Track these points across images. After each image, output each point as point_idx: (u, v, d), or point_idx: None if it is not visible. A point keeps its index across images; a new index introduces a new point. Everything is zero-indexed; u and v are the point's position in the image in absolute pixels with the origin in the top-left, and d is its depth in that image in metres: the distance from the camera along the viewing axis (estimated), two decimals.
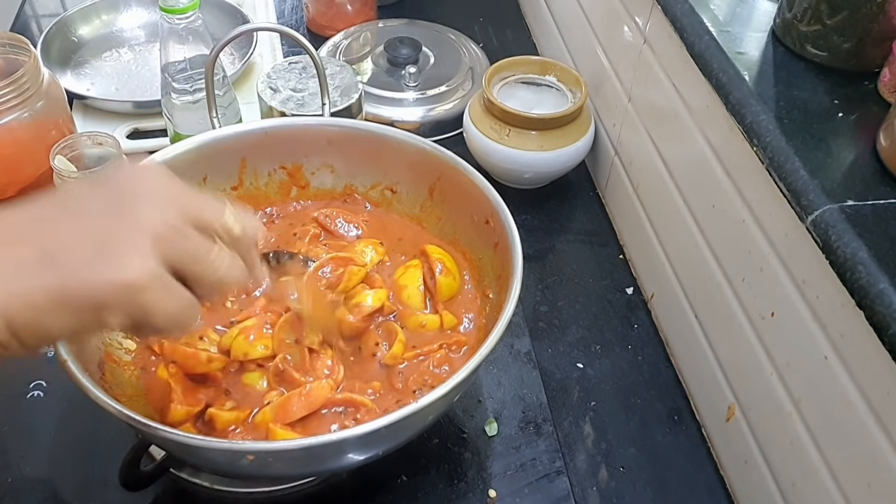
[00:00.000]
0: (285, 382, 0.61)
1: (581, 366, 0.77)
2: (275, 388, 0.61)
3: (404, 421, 0.50)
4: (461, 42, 1.10)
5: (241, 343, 0.61)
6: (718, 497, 0.68)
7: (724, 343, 0.68)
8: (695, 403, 0.74)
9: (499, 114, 0.87)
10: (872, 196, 0.51)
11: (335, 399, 0.59)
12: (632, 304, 0.83)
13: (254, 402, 0.60)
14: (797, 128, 0.56)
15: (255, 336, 0.62)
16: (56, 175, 0.75)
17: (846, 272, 0.48)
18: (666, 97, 0.75)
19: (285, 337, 0.62)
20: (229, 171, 0.74)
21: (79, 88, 1.00)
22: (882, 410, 0.48)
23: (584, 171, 0.97)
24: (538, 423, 0.71)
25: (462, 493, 0.66)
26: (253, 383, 0.61)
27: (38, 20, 1.19)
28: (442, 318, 0.66)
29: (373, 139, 0.73)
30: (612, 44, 0.89)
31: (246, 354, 0.61)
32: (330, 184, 0.77)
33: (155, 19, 0.95)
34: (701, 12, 0.67)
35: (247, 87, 1.04)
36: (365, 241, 0.72)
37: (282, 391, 0.60)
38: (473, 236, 0.70)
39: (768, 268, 0.59)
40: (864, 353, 0.49)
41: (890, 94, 0.59)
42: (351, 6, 1.13)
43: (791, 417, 0.58)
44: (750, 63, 0.63)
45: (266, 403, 0.59)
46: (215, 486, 0.64)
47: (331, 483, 0.65)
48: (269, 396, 0.60)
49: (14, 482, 0.65)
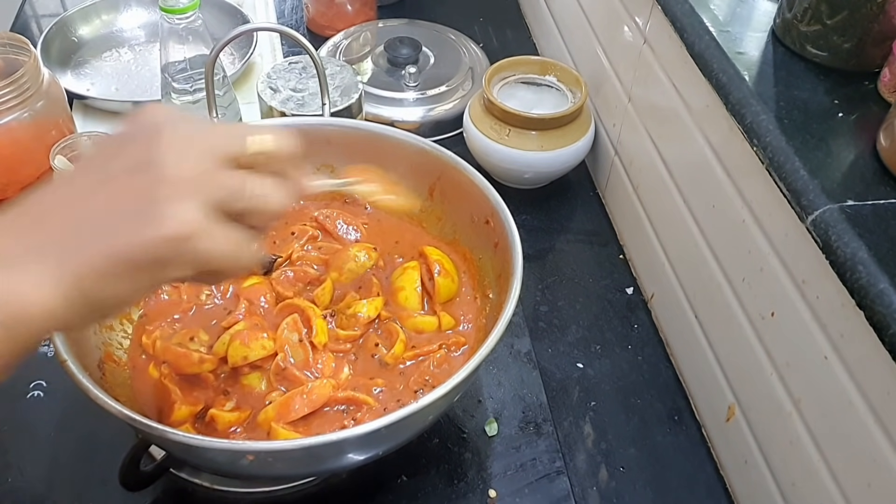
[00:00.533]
0: (287, 381, 0.60)
1: (581, 366, 0.77)
2: (276, 388, 0.61)
3: (404, 421, 0.50)
4: (461, 42, 1.10)
5: (238, 348, 0.61)
6: (718, 497, 0.68)
7: (724, 343, 0.68)
8: (695, 403, 0.74)
9: (499, 114, 0.87)
10: (872, 196, 0.51)
11: (338, 397, 0.59)
12: (632, 304, 0.83)
13: (254, 402, 0.60)
14: (797, 128, 0.56)
15: (250, 339, 0.61)
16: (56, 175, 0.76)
17: (846, 272, 0.48)
18: (666, 97, 0.75)
19: (289, 335, 0.62)
20: None
21: (79, 88, 1.00)
22: (882, 410, 0.48)
23: (584, 171, 0.97)
24: (538, 423, 0.71)
25: (462, 493, 0.66)
26: (252, 384, 0.61)
27: (38, 20, 1.19)
28: (440, 319, 0.66)
29: (373, 139, 0.73)
30: (612, 44, 0.89)
31: (245, 358, 0.61)
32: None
33: (155, 19, 0.95)
34: (701, 12, 0.67)
35: (247, 87, 1.04)
36: (359, 245, 0.71)
37: (282, 390, 0.60)
38: (473, 236, 0.70)
39: (768, 268, 0.59)
40: (864, 353, 0.49)
41: (890, 94, 0.59)
42: (351, 6, 1.13)
43: (791, 417, 0.58)
44: (750, 63, 0.63)
45: (267, 403, 0.59)
46: (215, 486, 0.64)
47: (331, 483, 0.65)
48: (270, 397, 0.60)
49: (14, 482, 0.65)
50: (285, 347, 0.61)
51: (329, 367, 0.62)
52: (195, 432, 0.58)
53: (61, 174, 0.41)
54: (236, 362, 0.61)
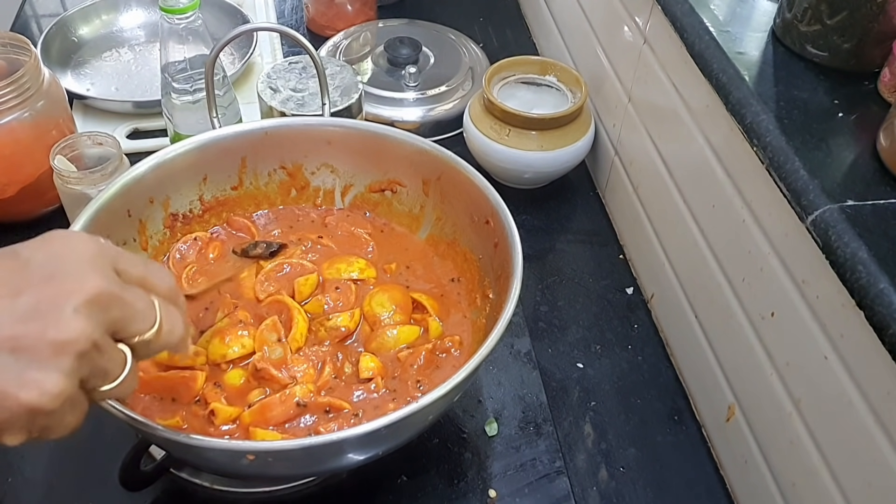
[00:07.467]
0: (264, 381, 0.61)
1: (581, 366, 0.77)
2: (256, 387, 0.61)
3: (404, 421, 0.50)
4: (461, 42, 1.10)
5: (218, 346, 0.62)
6: (718, 497, 0.68)
7: (724, 343, 0.68)
8: (695, 403, 0.74)
9: (499, 114, 0.87)
10: (872, 196, 0.51)
11: (318, 402, 0.59)
12: (632, 304, 0.83)
13: (235, 399, 0.60)
14: (797, 128, 0.56)
15: (231, 337, 0.62)
16: (56, 175, 0.76)
17: (846, 272, 0.48)
18: (666, 97, 0.75)
19: (268, 335, 0.62)
20: (229, 171, 0.74)
21: (79, 88, 1.00)
22: (882, 410, 0.48)
23: (584, 171, 0.97)
24: (538, 423, 0.71)
25: (462, 493, 0.66)
26: (233, 382, 0.61)
27: (38, 20, 1.19)
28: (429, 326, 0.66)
29: (373, 139, 0.73)
30: (612, 44, 0.89)
31: (223, 356, 0.62)
32: (330, 184, 0.77)
33: (155, 19, 0.95)
34: (701, 12, 0.67)
35: (247, 87, 1.04)
36: (353, 257, 0.72)
37: (266, 391, 0.60)
38: (473, 236, 0.70)
39: (768, 268, 0.59)
40: (864, 353, 0.49)
41: (890, 94, 0.59)
42: (351, 6, 1.13)
43: (791, 417, 0.58)
44: (750, 63, 0.63)
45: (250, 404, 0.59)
46: (215, 486, 0.64)
47: (331, 483, 0.65)
48: (251, 396, 0.60)
49: (14, 482, 0.65)
50: (263, 347, 0.62)
51: (308, 372, 0.62)
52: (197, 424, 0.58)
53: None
54: (215, 360, 0.62)
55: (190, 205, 0.73)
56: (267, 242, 0.72)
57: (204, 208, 0.74)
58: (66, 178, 0.75)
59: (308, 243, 0.73)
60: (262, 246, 0.71)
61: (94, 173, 0.74)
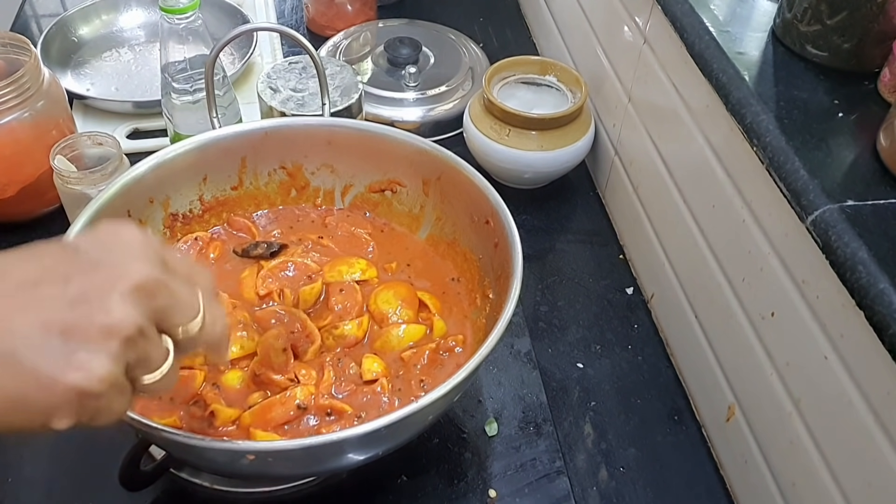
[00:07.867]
0: (263, 385, 0.61)
1: (581, 366, 0.77)
2: (256, 390, 0.61)
3: (404, 421, 0.50)
4: (461, 42, 1.10)
5: None
6: (718, 497, 0.68)
7: (724, 343, 0.68)
8: (695, 403, 0.74)
9: (499, 114, 0.87)
10: (872, 196, 0.51)
11: (319, 404, 0.59)
12: (632, 304, 0.83)
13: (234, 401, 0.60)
14: (797, 128, 0.56)
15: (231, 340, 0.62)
16: (56, 175, 0.76)
17: (846, 272, 0.48)
18: (666, 97, 0.75)
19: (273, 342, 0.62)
20: (229, 171, 0.74)
21: (79, 88, 1.00)
22: (882, 410, 0.48)
23: (584, 171, 0.97)
24: (538, 423, 0.71)
25: (462, 493, 0.66)
26: (232, 383, 0.61)
27: (38, 20, 1.19)
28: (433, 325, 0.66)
29: (373, 139, 0.73)
30: (612, 44, 0.89)
31: None
32: (330, 184, 0.77)
33: (155, 19, 0.95)
34: (701, 12, 0.67)
35: (247, 87, 1.04)
36: (354, 258, 0.71)
37: (266, 393, 0.60)
38: (473, 236, 0.70)
39: (768, 268, 0.59)
40: (864, 353, 0.49)
41: (890, 94, 0.59)
42: (351, 6, 1.13)
43: (791, 417, 0.58)
44: (750, 63, 0.63)
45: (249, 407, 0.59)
46: (215, 486, 0.64)
47: (331, 483, 0.65)
48: (251, 398, 0.60)
49: (14, 482, 0.65)
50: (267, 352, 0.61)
51: (310, 375, 0.62)
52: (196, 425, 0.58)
53: None
54: None
55: (190, 205, 0.73)
56: (268, 242, 0.72)
57: (204, 208, 0.74)
58: (66, 178, 0.75)
59: (308, 243, 0.73)
60: (263, 246, 0.71)
61: (94, 173, 0.74)
